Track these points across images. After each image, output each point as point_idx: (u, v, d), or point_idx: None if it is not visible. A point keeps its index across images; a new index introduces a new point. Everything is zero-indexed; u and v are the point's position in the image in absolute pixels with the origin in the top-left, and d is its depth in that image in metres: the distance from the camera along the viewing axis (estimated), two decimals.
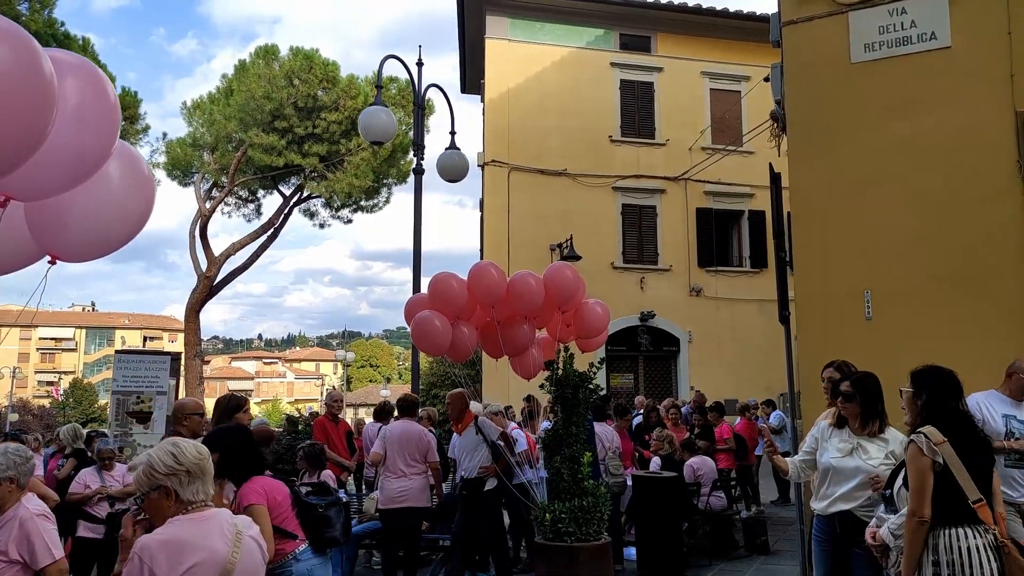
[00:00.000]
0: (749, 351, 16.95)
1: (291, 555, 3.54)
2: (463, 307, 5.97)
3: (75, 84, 2.61)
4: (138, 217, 3.17)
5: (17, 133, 2.24)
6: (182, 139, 24.03)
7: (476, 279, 5.96)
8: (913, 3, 5.60)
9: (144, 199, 3.17)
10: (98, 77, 2.75)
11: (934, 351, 5.15)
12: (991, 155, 5.25)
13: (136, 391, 8.25)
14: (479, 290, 5.93)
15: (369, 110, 7.92)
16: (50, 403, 52.33)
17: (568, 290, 6.00)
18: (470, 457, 6.57)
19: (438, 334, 5.87)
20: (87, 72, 2.74)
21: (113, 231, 3.12)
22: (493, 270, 6.08)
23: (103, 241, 3.13)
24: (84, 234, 3.03)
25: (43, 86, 2.26)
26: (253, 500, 3.40)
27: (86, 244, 3.09)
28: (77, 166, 2.65)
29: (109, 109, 2.74)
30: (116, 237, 3.15)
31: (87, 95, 2.66)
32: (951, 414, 3.00)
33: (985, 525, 2.80)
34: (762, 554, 8.04)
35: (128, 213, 3.13)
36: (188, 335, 23.98)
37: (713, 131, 17.89)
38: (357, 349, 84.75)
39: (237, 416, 4.50)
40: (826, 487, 3.85)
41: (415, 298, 6.54)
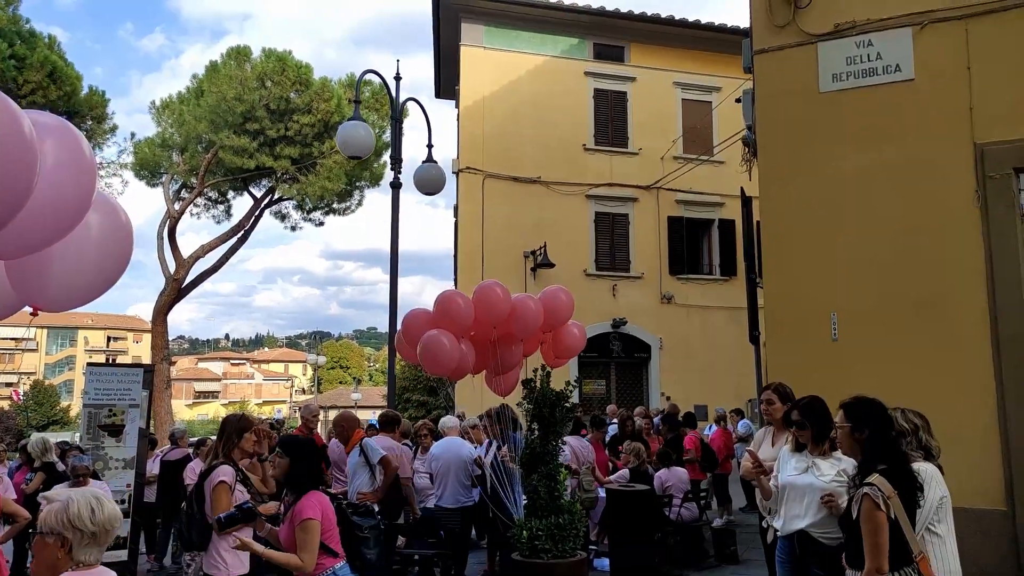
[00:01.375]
0: (719, 357, 17.24)
1: (330, 570, 3.66)
2: (468, 327, 5.95)
3: (52, 144, 2.61)
4: (117, 264, 3.19)
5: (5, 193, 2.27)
6: (150, 139, 23.68)
7: (483, 299, 5.97)
8: (879, 37, 5.81)
9: (122, 246, 3.19)
10: (74, 135, 2.77)
11: (896, 372, 5.39)
12: (951, 184, 5.48)
13: (108, 404, 8.16)
14: (485, 310, 5.93)
15: (347, 125, 7.94)
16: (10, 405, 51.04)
17: (563, 314, 6.17)
18: (351, 481, 6.39)
19: (448, 355, 5.80)
20: (64, 132, 2.75)
21: (93, 279, 3.14)
22: (498, 289, 6.04)
23: (84, 290, 3.16)
24: (65, 285, 3.05)
25: (25, 149, 2.29)
26: (309, 514, 3.53)
27: (67, 294, 3.11)
28: (56, 223, 2.66)
29: (86, 167, 2.75)
30: (96, 285, 3.17)
31: (63, 154, 2.66)
32: (894, 449, 3.15)
33: (914, 566, 2.95)
34: (731, 563, 8.24)
35: (107, 260, 3.15)
36: (155, 338, 23.63)
37: (685, 141, 18.17)
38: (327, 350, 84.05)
39: (244, 437, 4.51)
40: (784, 505, 4.03)
41: (415, 314, 6.39)
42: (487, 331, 6.04)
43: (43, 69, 18.73)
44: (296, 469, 3.64)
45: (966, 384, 5.29)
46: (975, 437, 5.21)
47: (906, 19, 5.78)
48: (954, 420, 5.20)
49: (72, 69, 20.03)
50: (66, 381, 71.46)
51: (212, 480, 4.21)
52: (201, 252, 23.37)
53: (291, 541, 3.53)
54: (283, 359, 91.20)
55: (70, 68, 19.92)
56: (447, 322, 5.89)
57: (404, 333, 6.22)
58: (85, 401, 8.24)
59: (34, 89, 18.66)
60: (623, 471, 8.10)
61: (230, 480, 4.20)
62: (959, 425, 5.20)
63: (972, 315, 5.32)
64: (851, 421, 3.22)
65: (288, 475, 3.65)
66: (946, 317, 5.39)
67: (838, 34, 5.95)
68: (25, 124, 2.37)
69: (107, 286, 3.21)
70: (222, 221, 25.55)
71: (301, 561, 3.45)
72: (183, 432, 10.02)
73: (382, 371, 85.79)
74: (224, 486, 4.15)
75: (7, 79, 18.00)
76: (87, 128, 21.43)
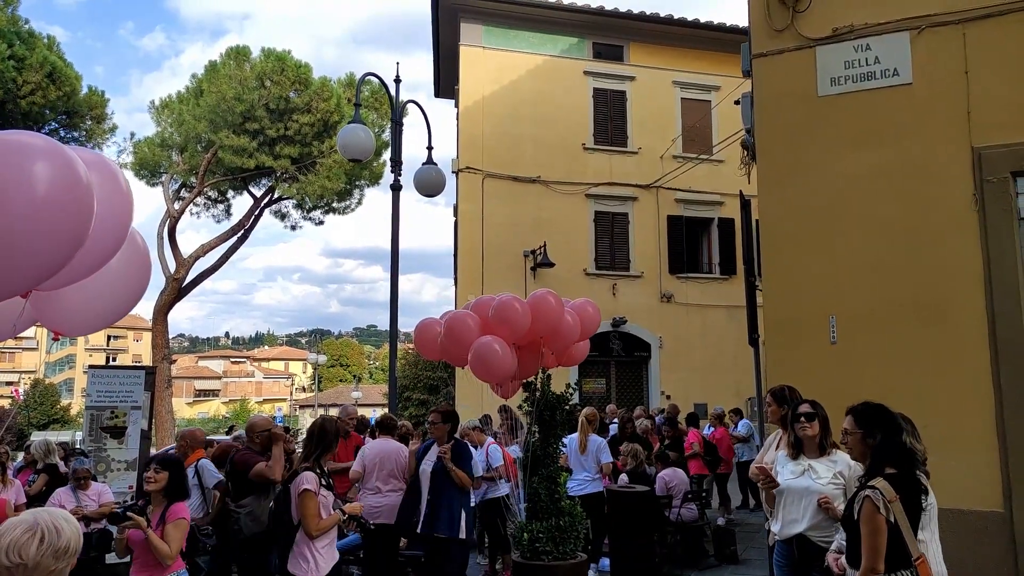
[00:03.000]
0: (718, 356, 17.28)
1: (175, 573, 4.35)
2: (523, 335, 5.77)
3: (96, 181, 2.61)
4: (134, 292, 3.25)
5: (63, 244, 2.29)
6: (150, 139, 23.71)
7: (539, 308, 5.82)
8: (877, 41, 5.84)
9: (140, 274, 3.25)
10: (112, 170, 2.78)
11: (895, 375, 5.43)
12: (949, 188, 5.50)
13: (110, 406, 8.19)
14: (541, 318, 5.78)
15: (348, 128, 7.96)
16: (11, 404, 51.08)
17: (592, 326, 6.17)
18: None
19: (501, 363, 5.63)
20: (104, 167, 2.75)
21: (115, 306, 3.20)
22: (552, 298, 5.89)
23: (105, 315, 3.21)
24: (86, 313, 3.11)
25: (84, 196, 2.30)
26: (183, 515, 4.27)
27: (89, 320, 3.17)
28: (97, 258, 2.69)
29: (125, 201, 2.77)
30: (117, 310, 3.23)
31: (105, 191, 2.65)
32: (903, 453, 3.19)
33: (912, 569, 3.00)
34: (732, 563, 8.28)
35: (125, 289, 3.20)
36: (156, 337, 23.69)
37: (684, 140, 18.19)
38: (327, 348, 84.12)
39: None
40: (782, 509, 4.07)
41: (459, 319, 6.06)
42: (535, 339, 5.88)
43: (42, 69, 18.74)
44: (172, 481, 4.33)
45: (964, 387, 5.32)
46: (973, 440, 5.24)
47: (904, 23, 5.80)
48: (952, 423, 5.25)
49: (71, 69, 20.05)
50: (66, 380, 71.49)
51: (297, 487, 4.35)
52: (201, 251, 23.41)
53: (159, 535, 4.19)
54: (283, 357, 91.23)
55: (69, 68, 19.94)
56: (505, 329, 5.70)
57: (447, 335, 5.95)
58: (87, 403, 8.27)
59: (33, 89, 18.67)
60: (622, 476, 8.13)
61: (313, 487, 4.32)
62: (957, 428, 5.25)
63: (970, 318, 5.35)
64: (862, 427, 3.26)
65: (166, 486, 4.31)
66: (944, 320, 5.42)
67: (836, 38, 5.97)
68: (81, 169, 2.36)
69: (125, 310, 3.27)
70: (222, 220, 25.63)
71: (169, 550, 4.14)
72: None
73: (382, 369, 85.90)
74: (309, 494, 4.28)
75: (7, 79, 18.01)
76: (87, 128, 21.45)
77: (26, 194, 2.13)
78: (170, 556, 4.17)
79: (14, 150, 2.19)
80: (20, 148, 2.20)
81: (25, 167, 2.15)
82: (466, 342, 5.75)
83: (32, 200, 2.14)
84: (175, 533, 4.21)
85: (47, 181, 2.18)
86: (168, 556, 4.16)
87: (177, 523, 4.24)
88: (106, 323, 3.29)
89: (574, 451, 7.65)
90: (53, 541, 1.84)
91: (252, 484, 5.25)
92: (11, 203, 2.09)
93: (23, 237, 2.14)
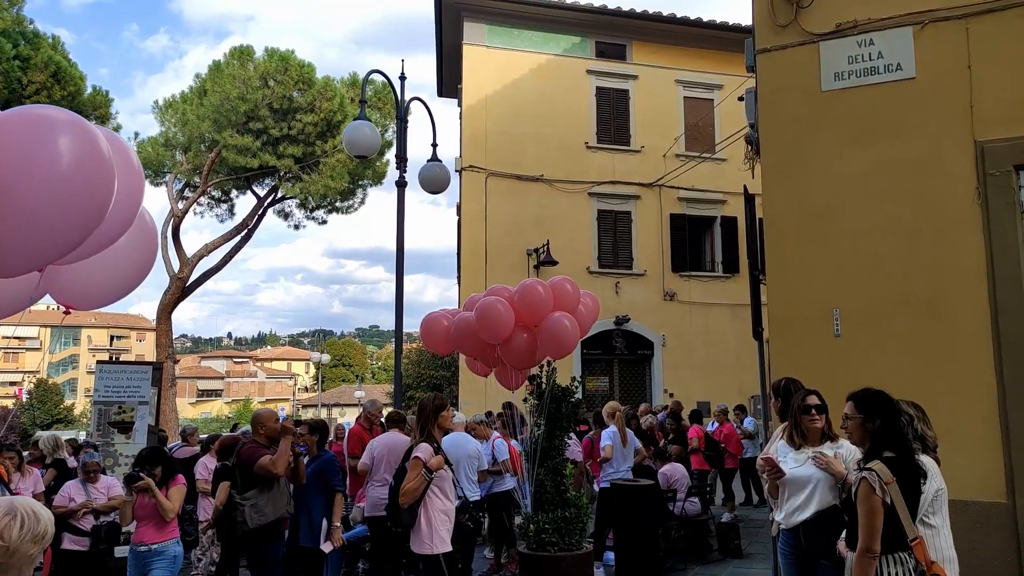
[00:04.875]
0: (721, 354, 17.33)
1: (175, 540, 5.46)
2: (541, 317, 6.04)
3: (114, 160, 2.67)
4: (143, 267, 3.32)
5: (85, 218, 2.33)
6: (154, 138, 23.76)
7: (559, 293, 6.11)
8: (880, 36, 5.87)
9: (148, 250, 3.31)
10: (125, 148, 2.83)
11: (899, 368, 5.47)
12: (952, 182, 5.54)
13: (118, 401, 8.26)
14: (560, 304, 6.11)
15: (353, 124, 8.01)
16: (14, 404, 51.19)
17: (592, 319, 6.32)
18: None
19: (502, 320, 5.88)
20: (117, 144, 2.80)
21: (123, 280, 3.27)
22: (568, 285, 6.25)
23: (114, 290, 3.28)
24: (97, 288, 3.17)
25: (106, 170, 2.34)
26: (181, 482, 5.40)
27: (96, 295, 3.22)
28: (111, 233, 2.74)
29: (137, 179, 2.83)
30: (125, 285, 3.30)
31: (120, 168, 2.69)
32: (901, 437, 3.24)
33: (910, 551, 3.05)
34: (735, 557, 8.32)
35: (135, 264, 3.27)
36: (160, 337, 23.74)
37: (687, 138, 18.23)
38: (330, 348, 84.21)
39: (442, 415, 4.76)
40: (786, 499, 4.11)
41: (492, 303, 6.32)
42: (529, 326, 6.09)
43: (47, 69, 18.79)
44: (164, 469, 5.43)
45: (967, 380, 5.35)
46: (976, 432, 5.27)
47: (907, 18, 5.83)
48: (955, 415, 5.28)
49: (76, 69, 20.09)
50: (70, 380, 71.61)
51: (411, 456, 4.57)
52: (205, 251, 23.47)
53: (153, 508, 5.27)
54: (286, 357, 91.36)
55: (74, 68, 19.99)
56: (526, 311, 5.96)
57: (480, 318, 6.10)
58: (95, 399, 8.35)
59: (38, 89, 18.72)
60: None
61: (424, 456, 4.50)
62: (960, 420, 5.28)
63: (973, 312, 5.38)
64: (863, 412, 3.31)
65: (163, 466, 5.43)
66: (947, 314, 5.45)
67: (840, 33, 6.01)
68: (103, 145, 2.40)
69: (134, 286, 3.32)
70: (225, 220, 25.67)
71: (173, 507, 5.32)
72: (194, 430, 10.10)
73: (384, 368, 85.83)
74: (417, 461, 4.48)
75: (12, 79, 18.08)
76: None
77: (50, 167, 2.16)
78: (173, 511, 5.33)
79: (39, 123, 2.22)
80: (46, 121, 2.24)
81: (50, 140, 2.18)
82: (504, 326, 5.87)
83: (56, 173, 2.18)
84: (176, 495, 5.44)
85: (71, 154, 2.21)
86: (172, 511, 5.30)
87: (178, 488, 5.47)
88: (115, 298, 3.37)
89: (617, 445, 7.76)
90: (32, 526, 1.85)
91: (257, 477, 5.30)
92: (36, 175, 2.11)
93: (47, 210, 2.17)
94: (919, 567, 3.10)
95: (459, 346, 6.39)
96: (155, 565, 5.25)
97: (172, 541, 5.41)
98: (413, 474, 4.44)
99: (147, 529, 5.30)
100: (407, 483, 4.42)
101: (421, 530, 4.46)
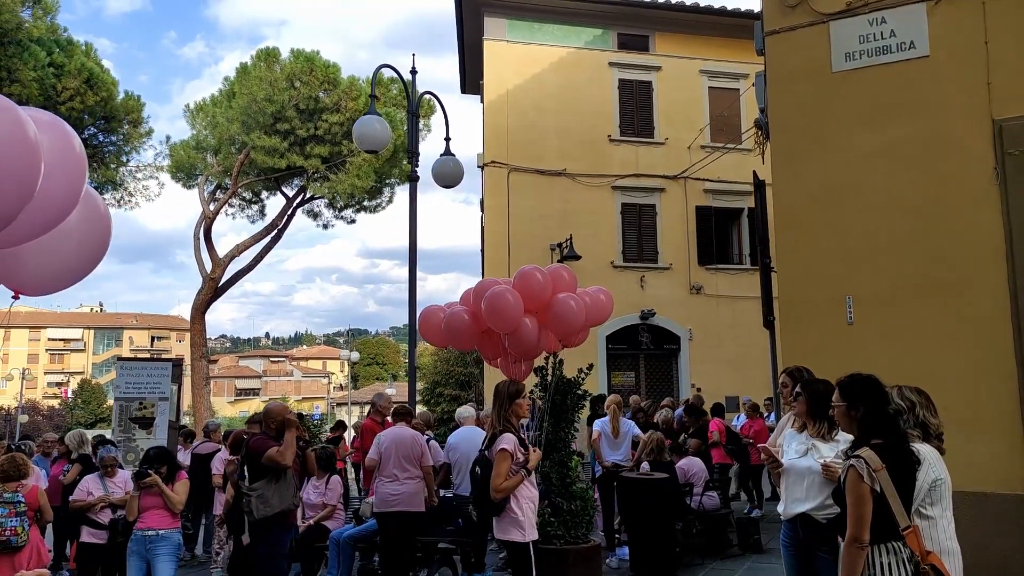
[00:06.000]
0: (750, 348, 16.99)
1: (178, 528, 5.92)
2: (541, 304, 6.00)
3: (48, 141, 2.69)
4: (94, 253, 3.33)
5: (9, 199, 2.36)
6: (185, 142, 24.20)
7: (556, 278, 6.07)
8: (892, 13, 5.68)
9: (100, 236, 3.32)
10: (65, 132, 2.86)
11: (914, 355, 5.29)
12: (968, 162, 5.33)
13: (138, 397, 8.40)
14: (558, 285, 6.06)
15: (363, 119, 8.03)
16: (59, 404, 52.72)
17: (604, 313, 6.30)
18: None
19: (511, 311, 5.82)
20: (57, 129, 2.84)
21: (73, 265, 3.28)
22: (565, 273, 6.21)
23: (64, 277, 3.30)
24: (44, 271, 3.18)
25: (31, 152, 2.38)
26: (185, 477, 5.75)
27: (45, 280, 3.24)
28: (51, 216, 2.77)
29: (78, 162, 2.85)
30: (76, 271, 3.31)
31: (58, 151, 2.75)
32: (889, 424, 3.10)
33: (903, 541, 2.92)
34: (755, 552, 8.16)
35: (85, 250, 3.28)
36: (194, 335, 24.20)
37: (712, 129, 17.95)
38: (363, 347, 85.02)
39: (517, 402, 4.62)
40: (786, 489, 3.99)
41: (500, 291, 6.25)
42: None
43: (80, 76, 19.24)
44: (170, 464, 5.90)
45: (986, 366, 5.15)
46: (995, 422, 5.08)
47: None
48: (974, 405, 5.09)
49: (108, 75, 20.56)
50: (112, 380, 73.45)
51: (496, 447, 4.46)
52: (236, 251, 23.84)
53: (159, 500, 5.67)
54: (321, 356, 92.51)
55: (106, 74, 20.45)
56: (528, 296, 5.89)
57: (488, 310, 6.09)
58: (116, 395, 8.51)
59: (72, 95, 19.20)
60: (644, 464, 8.08)
61: (511, 447, 4.42)
62: (979, 410, 5.09)
63: (992, 296, 5.18)
64: (846, 399, 3.19)
65: (168, 465, 5.84)
66: (965, 298, 5.26)
67: (850, 12, 5.83)
68: (30, 128, 2.45)
69: (86, 272, 3.34)
70: (256, 221, 26.05)
71: (180, 499, 5.75)
72: (216, 426, 10.23)
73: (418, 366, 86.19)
74: (505, 453, 4.39)
75: (47, 86, 18.56)
76: (124, 132, 21.99)
77: None
78: (181, 503, 5.76)
79: None
80: None
81: None
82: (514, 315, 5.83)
83: None
84: (181, 489, 5.84)
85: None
86: (179, 503, 5.73)
87: (182, 483, 5.90)
88: (66, 284, 3.37)
89: (608, 435, 7.80)
90: None
91: (266, 468, 5.33)
92: None
93: None
94: (914, 557, 2.97)
95: (451, 340, 6.36)
96: (160, 550, 5.62)
97: (176, 530, 5.81)
98: (504, 468, 4.30)
99: (154, 516, 5.70)
100: (503, 481, 4.28)
101: (510, 518, 4.37)
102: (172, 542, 5.71)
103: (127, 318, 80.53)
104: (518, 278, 5.88)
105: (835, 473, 3.70)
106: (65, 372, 72.58)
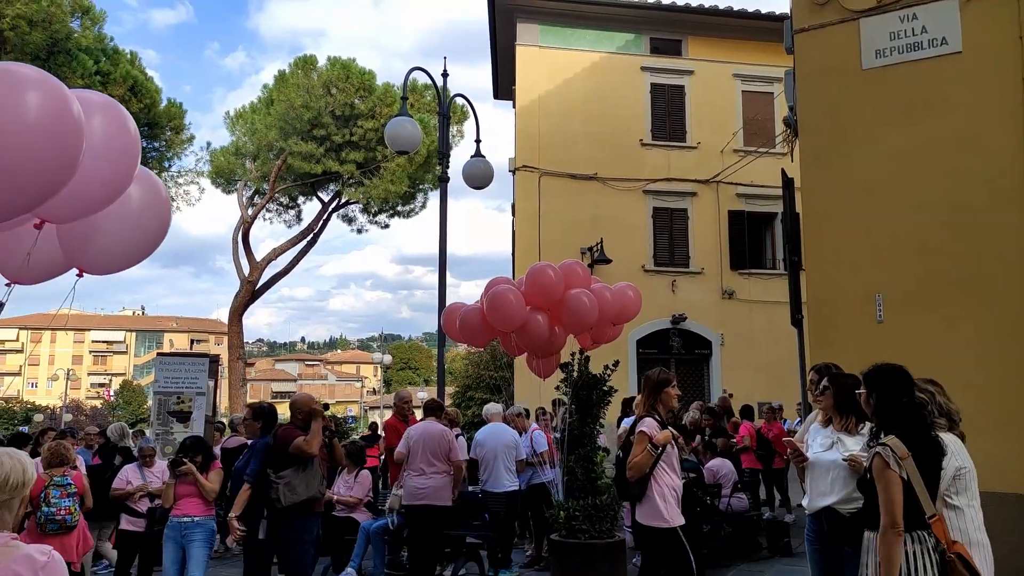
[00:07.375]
0: (783, 354, 16.73)
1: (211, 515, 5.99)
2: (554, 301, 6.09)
3: (101, 121, 2.88)
4: (156, 234, 3.50)
5: (51, 168, 2.53)
6: (225, 148, 24.80)
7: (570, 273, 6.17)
8: (924, 9, 5.64)
9: (161, 219, 3.49)
10: (120, 113, 3.03)
11: (944, 354, 5.22)
12: (1000, 160, 5.27)
13: (176, 392, 8.65)
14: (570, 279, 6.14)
15: (395, 121, 8.19)
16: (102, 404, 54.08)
17: (630, 312, 6.39)
18: None
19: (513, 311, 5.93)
20: (111, 109, 3.02)
21: (134, 247, 3.46)
22: (579, 269, 6.34)
23: (125, 256, 3.47)
24: (108, 250, 3.37)
25: (73, 127, 2.54)
26: (219, 466, 5.96)
27: (110, 259, 3.42)
28: (103, 193, 2.94)
29: (130, 141, 3.01)
30: (136, 252, 3.49)
31: (110, 130, 2.93)
32: (903, 410, 3.09)
33: (929, 530, 2.90)
34: (785, 555, 8.08)
35: (147, 231, 3.45)
36: (231, 338, 24.71)
37: (745, 133, 17.82)
38: (396, 352, 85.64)
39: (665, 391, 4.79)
40: (811, 483, 3.98)
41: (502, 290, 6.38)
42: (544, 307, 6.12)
43: (125, 83, 19.86)
44: (205, 453, 6.05)
45: (1015, 368, 5.07)
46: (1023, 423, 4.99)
47: None
48: (1002, 405, 5.02)
49: (152, 83, 21.17)
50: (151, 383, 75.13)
51: (636, 430, 4.65)
52: (273, 255, 24.31)
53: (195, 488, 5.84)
54: (355, 360, 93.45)
55: (150, 82, 21.06)
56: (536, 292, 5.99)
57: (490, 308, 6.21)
58: (155, 389, 8.77)
59: None
60: None
61: (649, 430, 4.57)
62: (1007, 410, 5.02)
63: (1021, 297, 5.10)
64: (866, 388, 3.21)
65: (203, 455, 5.99)
66: (995, 299, 5.18)
67: (881, 9, 5.80)
68: (73, 104, 2.62)
69: (146, 254, 3.51)
70: (293, 225, 26.54)
71: (215, 488, 5.92)
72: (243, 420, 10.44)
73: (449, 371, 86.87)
74: (643, 435, 4.55)
75: None
76: (166, 138, 22.60)
77: (14, 116, 2.36)
78: (214, 491, 5.93)
79: (11, 80, 2.43)
80: (15, 77, 2.45)
81: (18, 92, 2.39)
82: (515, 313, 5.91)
83: (21, 121, 2.37)
84: (215, 478, 6.01)
85: (36, 108, 2.41)
86: (214, 491, 5.91)
87: (216, 472, 6.07)
88: (129, 262, 3.54)
89: None
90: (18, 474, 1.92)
91: (292, 457, 5.46)
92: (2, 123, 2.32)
93: (11, 154, 2.36)
94: (939, 546, 2.95)
95: (465, 336, 6.47)
96: (195, 536, 5.79)
97: (210, 517, 5.95)
98: (639, 448, 4.48)
99: (190, 504, 5.87)
100: (634, 456, 4.46)
101: (654, 504, 4.47)
102: (206, 528, 5.87)
103: (167, 321, 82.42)
104: (528, 276, 5.96)
105: (860, 465, 3.70)
106: (108, 373, 74.47)
